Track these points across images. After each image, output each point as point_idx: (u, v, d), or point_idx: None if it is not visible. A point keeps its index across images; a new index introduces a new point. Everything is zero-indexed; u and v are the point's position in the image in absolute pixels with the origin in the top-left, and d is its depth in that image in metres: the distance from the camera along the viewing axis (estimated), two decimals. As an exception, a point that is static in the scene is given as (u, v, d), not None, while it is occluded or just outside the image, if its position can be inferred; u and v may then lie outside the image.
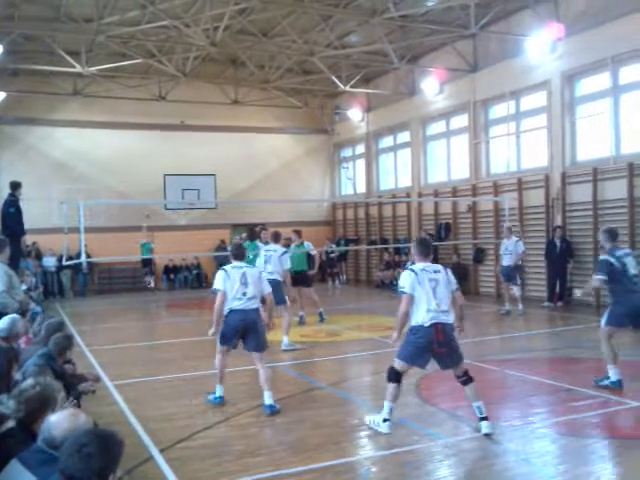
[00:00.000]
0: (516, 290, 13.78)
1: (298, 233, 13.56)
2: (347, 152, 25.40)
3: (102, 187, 20.92)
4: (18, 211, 10.97)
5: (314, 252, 13.82)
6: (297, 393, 7.55)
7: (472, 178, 18.25)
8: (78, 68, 17.53)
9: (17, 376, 5.09)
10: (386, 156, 23.16)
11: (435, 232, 19.18)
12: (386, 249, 20.97)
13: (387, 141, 23.02)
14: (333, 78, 20.01)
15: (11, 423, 3.39)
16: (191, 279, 22.71)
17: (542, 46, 15.38)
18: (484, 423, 5.73)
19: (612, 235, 7.28)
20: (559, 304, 14.67)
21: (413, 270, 5.83)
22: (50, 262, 20.52)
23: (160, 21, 15.78)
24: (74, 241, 12.97)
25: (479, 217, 18.06)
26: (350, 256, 23.89)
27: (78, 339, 11.59)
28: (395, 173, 22.42)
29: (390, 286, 19.04)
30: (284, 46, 18.51)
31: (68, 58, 17.23)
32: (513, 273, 13.84)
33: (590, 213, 14.56)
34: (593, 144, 14.97)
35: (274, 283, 10.47)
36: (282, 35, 17.74)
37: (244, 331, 6.99)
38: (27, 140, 21.33)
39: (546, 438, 5.80)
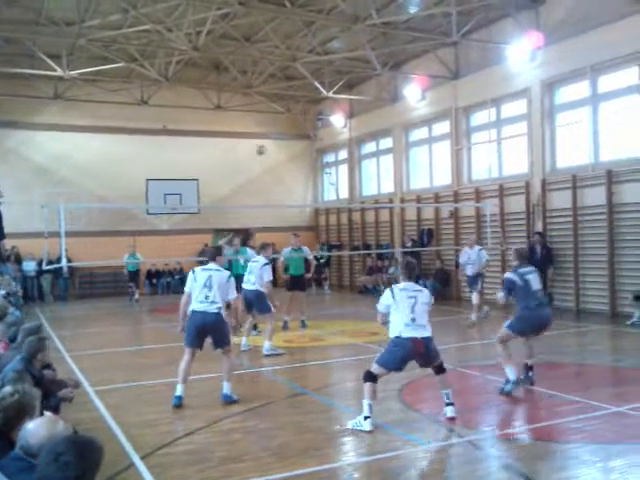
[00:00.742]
0: (475, 297, 13.57)
1: (297, 237, 13.61)
2: (330, 158, 25.45)
3: (83, 191, 20.70)
4: (-3, 215, 10.84)
5: (310, 257, 13.85)
6: (280, 399, 7.53)
7: (454, 184, 18.38)
8: (59, 71, 17.36)
9: (-4, 382, 5.02)
10: (369, 162, 23.24)
11: (418, 238, 19.28)
12: (369, 254, 21.01)
13: (370, 147, 23.10)
14: (316, 84, 20.04)
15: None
16: (173, 284, 22.56)
17: (523, 54, 15.53)
18: (449, 408, 6.32)
19: (520, 255, 7.91)
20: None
21: (392, 290, 6.31)
22: (30, 266, 20.29)
23: (142, 25, 15.71)
24: (54, 245, 12.83)
25: (461, 223, 18.18)
26: (333, 262, 23.90)
27: (59, 344, 11.50)
28: (378, 179, 22.49)
29: (373, 291, 19.08)
30: (267, 51, 18.53)
31: (49, 61, 17.08)
32: (475, 280, 13.65)
33: (570, 219, 14.73)
34: (572, 151, 15.14)
35: (257, 294, 10.44)
36: (265, 40, 17.74)
37: (206, 332, 7.27)
38: (7, 144, 21.11)
39: (527, 443, 5.84)
